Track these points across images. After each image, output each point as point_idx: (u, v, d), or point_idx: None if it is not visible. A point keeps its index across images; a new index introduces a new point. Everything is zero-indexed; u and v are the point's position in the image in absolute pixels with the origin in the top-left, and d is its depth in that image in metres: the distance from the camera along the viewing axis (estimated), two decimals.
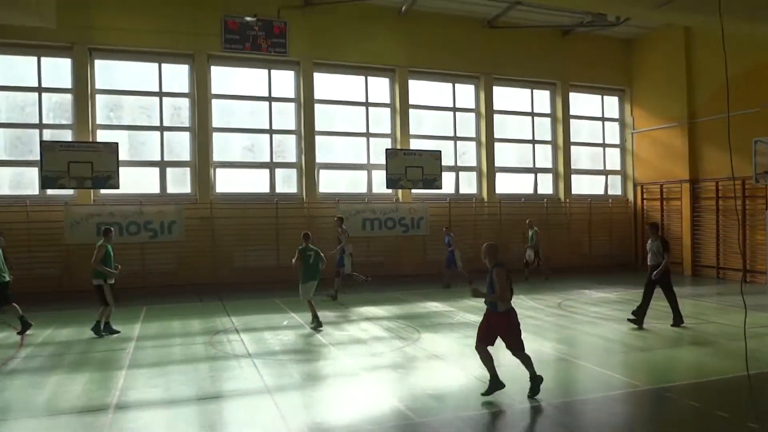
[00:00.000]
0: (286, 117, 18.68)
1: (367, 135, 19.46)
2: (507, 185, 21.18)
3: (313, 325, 11.36)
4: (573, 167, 22.09)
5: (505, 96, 21.30)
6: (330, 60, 18.75)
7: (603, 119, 22.92)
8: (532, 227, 18.50)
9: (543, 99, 21.98)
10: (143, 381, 8.01)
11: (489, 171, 20.62)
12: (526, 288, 16.40)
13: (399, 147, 19.24)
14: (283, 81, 18.68)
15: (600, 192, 22.77)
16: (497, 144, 20.89)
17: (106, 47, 16.77)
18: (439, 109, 20.53)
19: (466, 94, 20.83)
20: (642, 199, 22.28)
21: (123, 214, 16.16)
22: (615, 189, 23.06)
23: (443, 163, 19.20)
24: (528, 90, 21.67)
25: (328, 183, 19.01)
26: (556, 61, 21.26)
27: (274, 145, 18.49)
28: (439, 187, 19.10)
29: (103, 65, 17.06)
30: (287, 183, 18.69)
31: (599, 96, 22.82)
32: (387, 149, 18.77)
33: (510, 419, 6.57)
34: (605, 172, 22.90)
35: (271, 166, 18.46)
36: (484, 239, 19.29)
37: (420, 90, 20.11)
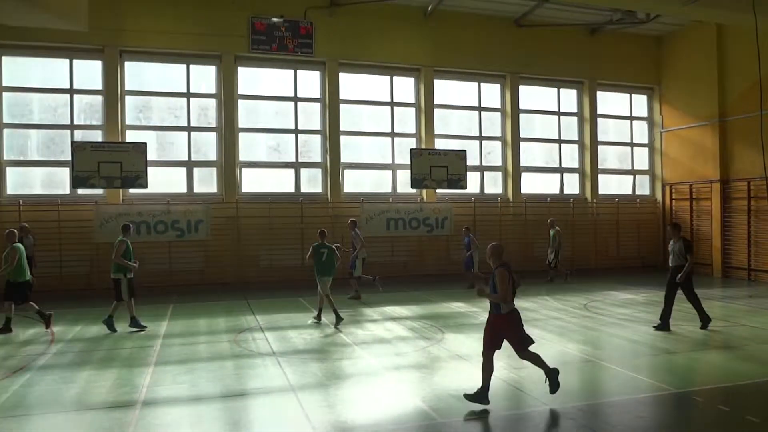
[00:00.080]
0: (311, 117, 18.80)
1: (392, 135, 19.47)
2: (533, 185, 21.02)
3: (335, 322, 11.61)
4: (600, 167, 21.82)
5: (531, 95, 21.12)
6: (355, 60, 18.81)
7: (631, 118, 22.60)
8: (553, 227, 18.31)
9: (570, 98, 21.75)
10: (170, 378, 8.13)
11: (514, 171, 20.48)
12: (551, 289, 16.26)
13: (424, 147, 19.23)
14: (309, 81, 18.79)
15: (627, 192, 22.46)
16: (523, 143, 20.74)
17: (135, 49, 17.07)
18: (465, 109, 20.45)
19: (491, 93, 20.71)
20: (671, 200, 21.91)
21: (151, 213, 16.44)
22: (643, 189, 22.72)
23: (468, 163, 19.13)
24: (554, 89, 21.47)
25: (352, 183, 19.07)
26: (583, 60, 21.02)
27: (299, 145, 18.62)
28: (464, 187, 19.04)
29: (133, 67, 17.36)
30: (312, 183, 18.81)
31: (627, 94, 22.49)
32: (412, 149, 18.78)
33: (534, 421, 6.51)
34: (633, 171, 22.57)
35: (297, 165, 18.59)
36: (509, 240, 19.49)
37: (445, 89, 20.06)
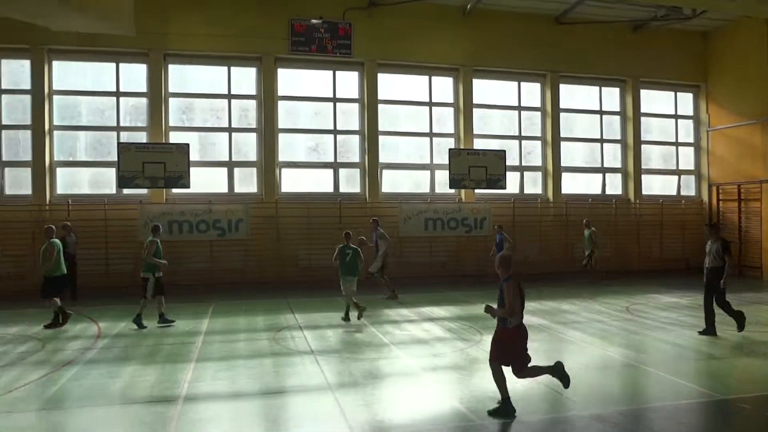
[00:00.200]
0: (350, 117, 18.89)
1: (431, 135, 19.41)
2: (573, 185, 20.67)
3: (342, 316, 12.09)
4: (643, 167, 21.31)
5: (572, 94, 20.78)
6: (394, 60, 18.82)
7: (676, 117, 22.01)
8: (589, 227, 17.88)
9: (612, 96, 21.31)
10: (210, 374, 8.29)
11: (555, 171, 20.17)
12: (593, 292, 15.98)
13: (462, 147, 19.12)
14: (348, 82, 18.88)
15: (672, 192, 21.88)
16: (563, 143, 20.41)
17: (179, 52, 17.44)
18: (504, 108, 20.23)
19: (531, 92, 20.45)
20: (717, 200, 21.27)
21: (193, 212, 16.77)
22: (688, 189, 22.10)
23: (507, 163, 18.94)
24: (596, 87, 21.07)
25: (391, 183, 19.08)
26: (626, 57, 20.54)
27: (338, 146, 18.73)
28: (503, 187, 18.85)
29: (176, 69, 17.74)
30: (350, 183, 18.89)
31: (672, 92, 21.91)
32: (450, 149, 18.69)
33: (573, 426, 6.40)
34: (678, 171, 21.99)
35: (335, 166, 18.71)
36: (549, 241, 19.25)
37: (484, 89, 19.87)
